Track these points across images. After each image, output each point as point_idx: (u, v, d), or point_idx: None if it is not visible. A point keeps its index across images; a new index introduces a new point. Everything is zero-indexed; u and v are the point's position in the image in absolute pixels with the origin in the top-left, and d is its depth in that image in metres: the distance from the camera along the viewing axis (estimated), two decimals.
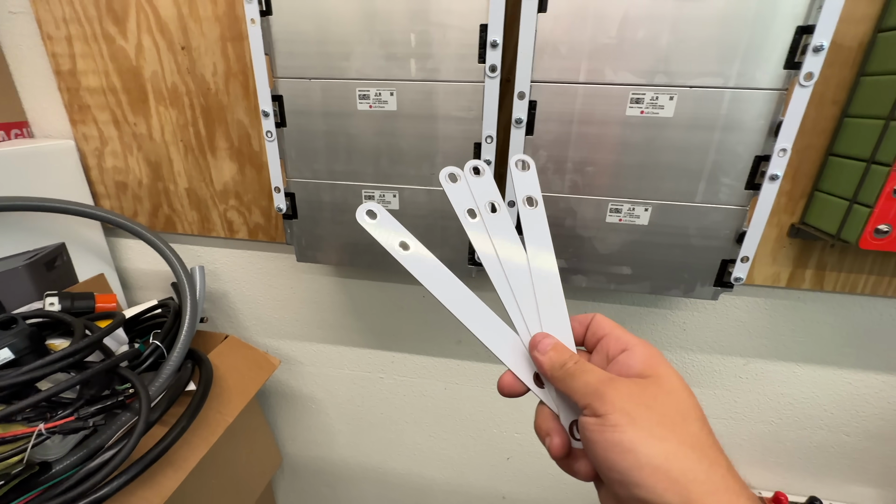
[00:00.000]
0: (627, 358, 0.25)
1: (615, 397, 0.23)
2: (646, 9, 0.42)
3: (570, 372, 0.26)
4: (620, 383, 0.24)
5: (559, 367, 0.26)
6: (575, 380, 0.25)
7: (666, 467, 0.21)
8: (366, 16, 0.46)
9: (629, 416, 0.22)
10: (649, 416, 0.22)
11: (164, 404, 0.56)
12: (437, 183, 0.53)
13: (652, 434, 0.22)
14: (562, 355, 0.27)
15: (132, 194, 0.72)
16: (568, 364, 0.26)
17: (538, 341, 0.28)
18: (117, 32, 0.61)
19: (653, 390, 0.23)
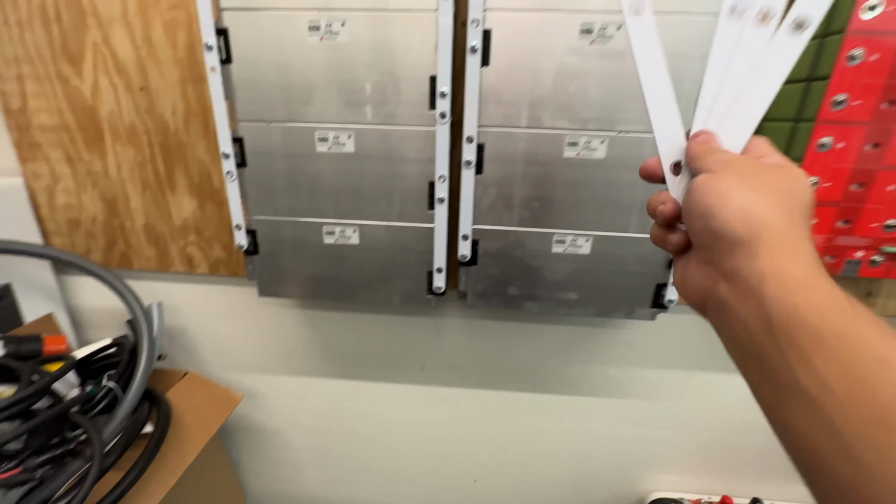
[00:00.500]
0: (769, 158, 0.26)
1: (737, 164, 0.24)
2: (575, 66, 0.47)
3: (708, 150, 0.26)
4: (744, 159, 0.25)
5: (705, 145, 0.27)
6: (710, 154, 0.26)
7: (749, 210, 0.22)
8: (323, 66, 0.49)
9: (741, 175, 0.23)
10: (759, 181, 0.23)
11: (119, 448, 0.55)
12: (394, 219, 0.55)
13: (751, 189, 0.23)
14: (710, 142, 0.27)
15: (85, 231, 0.70)
16: (711, 145, 0.27)
17: (699, 134, 0.28)
18: (72, 73, 0.61)
19: (774, 172, 0.24)
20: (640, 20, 0.29)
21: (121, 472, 0.54)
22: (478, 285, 0.58)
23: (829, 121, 0.47)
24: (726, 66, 0.28)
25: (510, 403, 0.79)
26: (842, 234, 0.51)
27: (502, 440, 0.83)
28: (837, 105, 0.46)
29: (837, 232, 0.51)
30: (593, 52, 0.47)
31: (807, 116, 0.48)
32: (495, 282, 0.58)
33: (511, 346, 0.74)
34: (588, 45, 0.47)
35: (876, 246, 0.51)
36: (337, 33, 0.48)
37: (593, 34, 0.46)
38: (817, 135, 0.48)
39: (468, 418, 0.81)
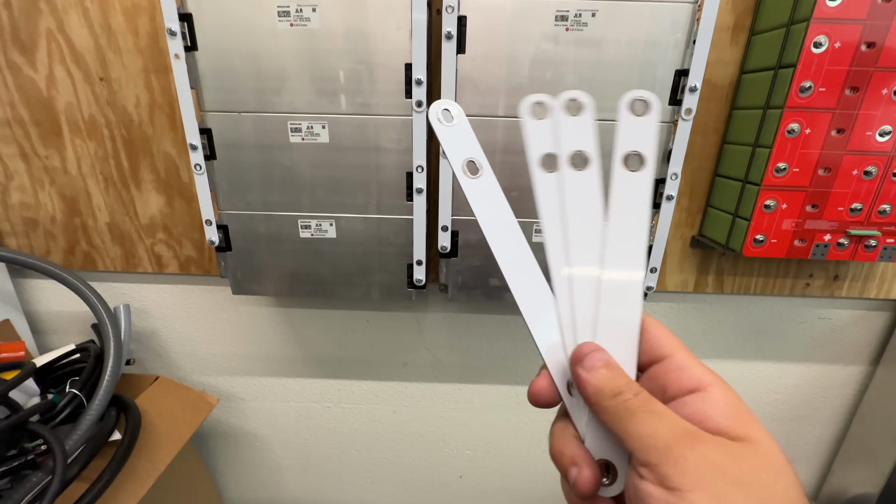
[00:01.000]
0: (702, 404, 0.18)
1: (698, 467, 0.16)
2: (550, 53, 0.47)
3: (629, 408, 0.18)
4: (707, 445, 0.17)
5: (611, 395, 0.19)
6: (637, 422, 0.18)
7: None
8: (295, 53, 0.48)
9: (717, 500, 0.16)
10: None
11: (84, 458, 0.52)
12: (372, 211, 0.54)
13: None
14: (617, 380, 0.19)
15: (44, 231, 0.66)
16: (626, 395, 0.19)
17: (584, 353, 0.20)
18: (25, 62, 0.58)
19: (752, 465, 0.17)
20: (477, 180, 0.23)
21: (87, 483, 0.51)
22: (458, 277, 0.57)
23: (796, 107, 0.48)
24: (564, 235, 0.23)
25: (493, 397, 0.79)
26: (811, 219, 0.53)
27: (486, 435, 0.82)
28: (804, 92, 0.47)
29: (807, 216, 0.53)
30: (569, 39, 0.47)
31: (776, 104, 0.50)
32: (476, 273, 0.57)
33: (493, 340, 0.74)
34: (563, 32, 0.46)
35: (843, 229, 0.53)
36: (308, 19, 0.46)
37: (568, 21, 0.46)
38: (786, 121, 0.49)
39: (451, 414, 0.80)
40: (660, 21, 0.46)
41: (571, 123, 0.22)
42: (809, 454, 0.83)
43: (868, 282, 0.67)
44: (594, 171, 0.22)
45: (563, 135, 0.22)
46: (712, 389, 0.19)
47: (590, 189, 0.22)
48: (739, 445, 0.17)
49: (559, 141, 0.22)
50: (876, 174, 0.50)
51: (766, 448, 0.17)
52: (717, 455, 0.17)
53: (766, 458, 0.17)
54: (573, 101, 0.22)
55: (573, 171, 0.22)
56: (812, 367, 0.76)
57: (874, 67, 0.46)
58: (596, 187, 0.22)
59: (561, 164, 0.22)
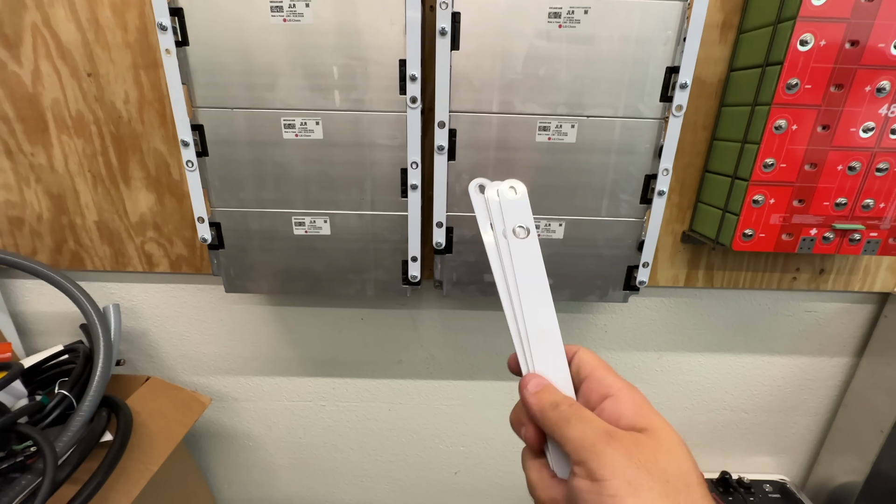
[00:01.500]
0: (614, 406, 0.24)
1: (615, 459, 0.21)
2: (544, 49, 0.47)
3: (564, 416, 0.24)
4: (620, 440, 0.22)
5: (551, 407, 0.24)
6: (570, 427, 0.23)
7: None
8: (288, 49, 0.48)
9: (630, 484, 0.20)
10: (651, 486, 0.20)
11: (75, 460, 0.51)
12: (367, 207, 0.54)
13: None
14: (554, 396, 0.25)
15: (30, 230, 0.65)
16: (562, 406, 0.24)
17: (528, 381, 0.26)
18: (9, 57, 0.56)
19: (652, 449, 0.21)
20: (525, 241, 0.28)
21: (77, 485, 0.51)
22: (453, 273, 0.58)
23: (783, 104, 0.49)
24: (512, 290, 0.28)
25: (488, 394, 0.79)
26: (797, 213, 0.54)
27: (482, 431, 0.83)
28: (791, 89, 0.49)
29: (793, 211, 0.54)
30: (562, 35, 0.47)
31: (763, 100, 0.51)
32: (471, 269, 0.57)
33: (488, 336, 0.75)
34: (556, 28, 0.47)
35: (828, 223, 0.54)
36: (301, 14, 0.46)
37: (561, 18, 0.46)
38: (773, 118, 0.50)
39: (447, 410, 0.80)
40: (651, 18, 0.46)
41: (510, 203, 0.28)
42: (797, 444, 0.85)
43: (852, 275, 0.68)
44: (534, 240, 0.28)
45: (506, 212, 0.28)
46: (620, 394, 0.24)
47: (533, 253, 0.27)
48: (643, 436, 0.22)
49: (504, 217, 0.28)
50: (860, 169, 0.52)
51: (662, 434, 0.22)
52: (628, 448, 0.21)
53: (662, 442, 0.22)
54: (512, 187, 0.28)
55: (517, 240, 0.27)
56: (799, 360, 0.77)
57: (858, 65, 0.47)
58: (537, 252, 0.27)
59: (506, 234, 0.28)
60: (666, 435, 0.22)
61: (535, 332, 0.27)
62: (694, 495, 0.21)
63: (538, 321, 0.27)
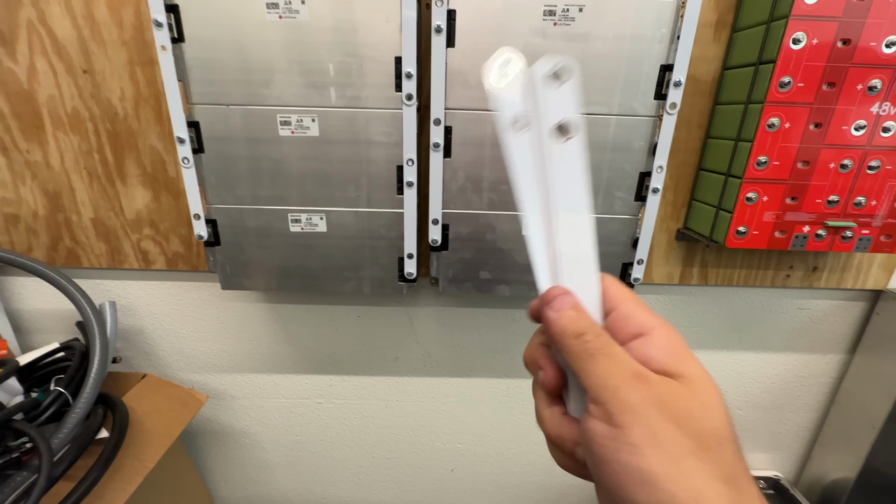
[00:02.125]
0: (645, 346, 0.20)
1: (640, 404, 0.18)
2: (539, 48, 0.48)
3: (589, 350, 0.20)
4: (651, 385, 0.19)
5: (574, 335, 0.21)
6: (595, 363, 0.20)
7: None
8: (284, 46, 0.48)
9: (654, 436, 0.18)
10: (678, 441, 0.17)
11: (71, 456, 0.51)
12: (363, 204, 0.54)
13: (680, 466, 0.17)
14: (581, 322, 0.21)
15: (25, 227, 0.65)
16: (587, 336, 0.20)
17: (553, 296, 0.22)
18: (4, 53, 0.56)
19: (686, 400, 0.18)
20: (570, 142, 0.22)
21: (73, 482, 0.51)
22: (449, 270, 0.58)
23: (776, 102, 0.50)
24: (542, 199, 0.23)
25: (484, 390, 0.79)
26: (790, 211, 0.54)
27: (478, 427, 0.83)
28: (783, 87, 0.49)
29: (786, 208, 0.54)
30: (557, 33, 0.47)
31: (756, 99, 0.51)
32: (467, 266, 0.58)
33: (484, 333, 0.75)
34: (551, 26, 0.47)
35: (821, 221, 0.55)
36: (297, 11, 0.46)
37: (556, 16, 0.47)
38: (766, 116, 0.50)
39: (443, 407, 0.81)
40: (645, 16, 0.47)
41: (552, 94, 0.21)
42: (790, 441, 0.86)
43: (845, 273, 0.69)
44: (577, 144, 0.22)
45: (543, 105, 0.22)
46: (655, 333, 0.20)
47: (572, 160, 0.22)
48: (678, 384, 0.19)
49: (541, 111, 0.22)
50: (852, 167, 0.52)
51: (699, 384, 0.19)
52: (658, 395, 0.18)
53: (699, 393, 0.19)
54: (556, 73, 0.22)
55: (555, 142, 0.22)
56: (792, 357, 0.78)
57: (849, 63, 0.48)
58: (579, 159, 0.22)
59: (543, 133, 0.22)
60: (704, 385, 0.19)
61: (567, 253, 0.22)
62: (726, 455, 0.18)
63: (572, 240, 0.22)
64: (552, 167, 0.22)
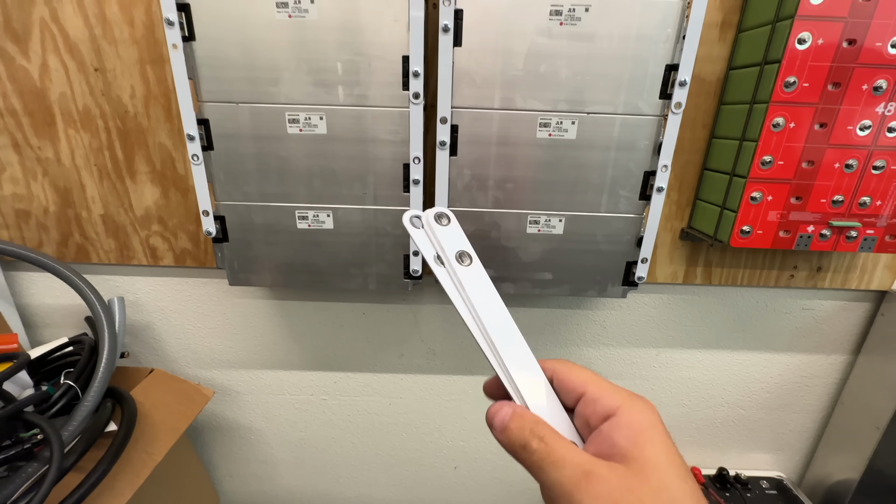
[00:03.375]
0: (611, 430, 0.21)
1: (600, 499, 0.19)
2: (545, 47, 0.48)
3: (536, 462, 0.22)
4: (598, 483, 0.20)
5: (521, 448, 0.22)
6: (545, 474, 0.21)
7: None
8: (292, 44, 0.48)
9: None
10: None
11: (80, 449, 0.52)
12: (369, 202, 0.55)
13: None
14: (521, 432, 0.23)
15: (36, 223, 0.66)
16: (532, 445, 0.22)
17: (492, 416, 0.24)
18: (17, 52, 0.57)
19: (638, 490, 0.19)
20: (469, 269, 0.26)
21: (83, 474, 0.51)
22: None
23: (781, 102, 0.50)
24: (475, 316, 0.26)
25: None
26: (794, 210, 0.54)
27: (481, 426, 0.83)
28: (789, 87, 0.49)
29: (791, 208, 0.54)
30: (563, 33, 0.48)
31: (761, 98, 0.51)
32: None
33: None
34: (557, 26, 0.48)
35: (825, 221, 0.55)
36: (306, 10, 0.47)
37: (562, 15, 0.47)
38: (771, 115, 0.50)
39: (447, 405, 0.81)
40: (651, 16, 0.47)
41: (444, 232, 0.26)
42: (794, 441, 0.86)
43: (849, 273, 0.69)
44: (477, 265, 0.26)
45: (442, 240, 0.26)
46: (619, 413, 0.22)
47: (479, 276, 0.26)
48: (630, 474, 0.20)
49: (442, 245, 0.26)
50: (857, 167, 0.52)
51: (650, 469, 0.20)
52: (608, 492, 0.19)
53: (649, 480, 0.20)
54: (437, 216, 0.27)
55: (461, 267, 0.26)
56: (796, 357, 0.78)
57: (855, 64, 0.48)
58: (484, 275, 0.26)
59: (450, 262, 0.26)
60: (654, 470, 0.20)
61: (508, 357, 0.25)
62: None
63: (507, 346, 0.25)
64: (468, 289, 0.26)
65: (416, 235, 0.26)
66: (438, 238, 0.26)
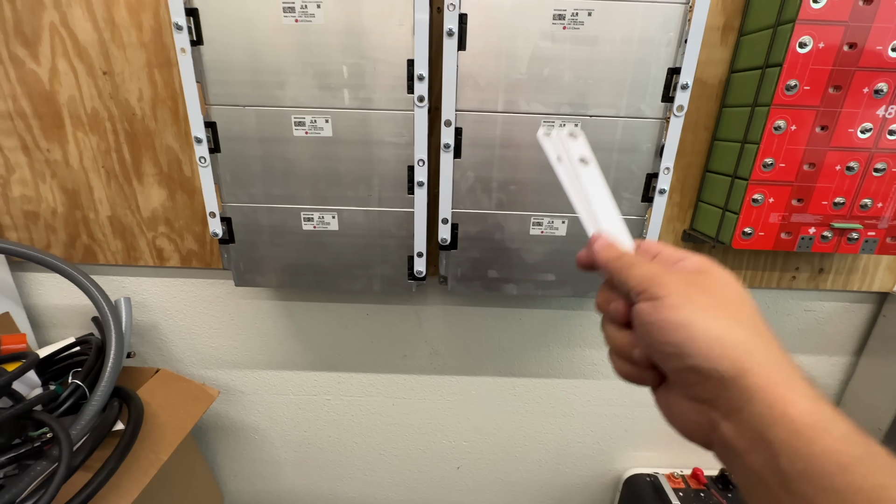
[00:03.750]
0: (683, 264, 0.26)
1: (672, 282, 0.24)
2: (548, 51, 0.49)
3: (626, 263, 0.26)
4: (680, 273, 0.25)
5: (616, 258, 0.27)
6: (632, 270, 0.25)
7: (721, 338, 0.22)
8: (298, 49, 0.49)
9: (686, 297, 0.23)
10: (705, 299, 0.23)
11: (88, 447, 0.53)
12: (374, 204, 0.56)
13: (708, 312, 0.22)
14: (617, 249, 0.28)
15: (45, 224, 0.67)
16: (626, 256, 0.27)
17: (594, 240, 0.29)
18: (27, 55, 0.58)
19: (710, 280, 0.24)
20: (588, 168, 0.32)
21: (90, 472, 0.52)
22: (458, 269, 0.59)
23: (782, 105, 0.50)
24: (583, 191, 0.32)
25: (491, 389, 0.80)
26: (796, 212, 0.55)
27: (484, 426, 0.84)
28: (790, 90, 0.50)
29: (792, 210, 0.55)
30: (565, 37, 0.48)
31: (763, 101, 0.52)
32: (475, 265, 0.59)
33: (491, 332, 0.76)
34: (560, 30, 0.48)
35: (826, 223, 0.55)
36: (312, 15, 0.48)
37: (566, 20, 0.48)
38: (773, 118, 0.51)
39: (450, 405, 0.82)
40: (653, 20, 0.48)
41: (573, 144, 0.33)
42: None
43: (851, 275, 0.69)
44: (594, 167, 0.33)
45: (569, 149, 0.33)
46: (690, 257, 0.27)
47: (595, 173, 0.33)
48: (702, 273, 0.25)
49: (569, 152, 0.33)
50: (858, 170, 0.53)
51: (721, 274, 0.25)
52: (686, 277, 0.24)
53: (719, 278, 0.25)
54: (571, 133, 0.34)
55: (582, 167, 0.33)
56: (798, 358, 0.78)
57: (855, 67, 0.48)
58: (598, 174, 0.33)
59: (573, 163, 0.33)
60: (723, 274, 0.25)
61: (602, 217, 0.31)
62: (746, 310, 0.23)
63: (606, 212, 0.31)
64: (584, 181, 0.33)
65: (545, 143, 0.34)
66: (567, 147, 0.33)
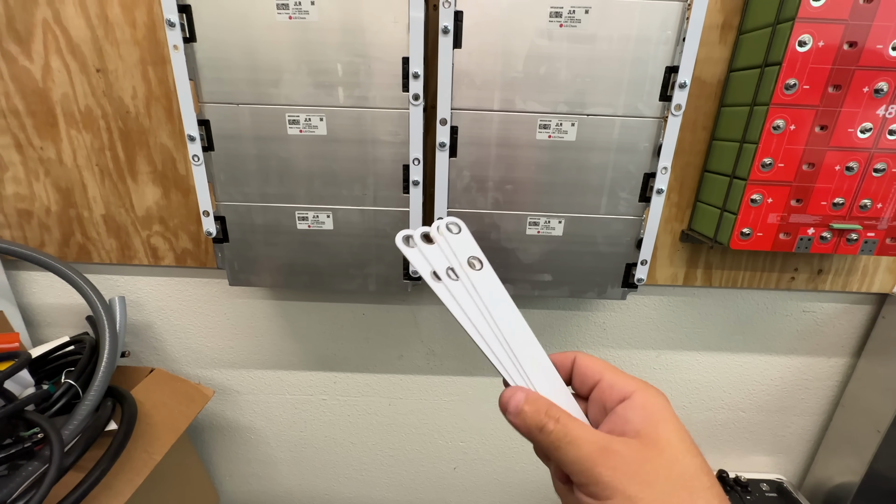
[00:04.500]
0: (626, 410, 0.23)
1: (612, 478, 0.21)
2: (545, 49, 0.48)
3: (553, 443, 0.23)
4: (615, 456, 0.21)
5: (538, 431, 0.23)
6: (563, 452, 0.22)
7: None
8: (293, 46, 0.48)
9: (630, 500, 0.20)
10: (653, 498, 0.20)
11: (80, 447, 0.52)
12: (369, 203, 0.55)
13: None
14: (537, 415, 0.24)
15: (38, 223, 0.66)
16: (548, 427, 0.23)
17: (507, 400, 0.25)
18: (20, 52, 0.58)
19: (653, 461, 0.21)
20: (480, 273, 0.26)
21: (83, 473, 0.52)
22: None
23: (781, 104, 0.50)
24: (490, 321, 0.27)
25: (487, 389, 0.80)
26: (795, 213, 0.54)
27: (480, 426, 0.83)
28: (789, 89, 0.49)
29: (791, 210, 0.54)
30: (562, 35, 0.48)
31: (762, 100, 0.51)
32: None
33: None
34: (557, 28, 0.48)
35: (826, 223, 0.55)
36: (307, 12, 0.47)
37: (562, 17, 0.47)
38: (772, 117, 0.50)
39: (446, 405, 0.81)
40: (651, 18, 0.47)
41: (456, 240, 0.27)
42: (794, 444, 0.85)
43: (850, 276, 0.69)
44: (488, 269, 0.27)
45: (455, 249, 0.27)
46: (634, 396, 0.23)
47: (492, 281, 0.27)
48: (644, 448, 0.21)
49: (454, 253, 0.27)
50: (857, 170, 0.52)
51: (665, 444, 0.21)
52: (627, 463, 0.21)
53: (664, 452, 0.21)
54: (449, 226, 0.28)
55: (473, 272, 0.27)
56: (796, 360, 0.78)
57: (855, 66, 0.48)
58: (495, 279, 0.27)
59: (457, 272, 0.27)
60: (668, 444, 0.21)
61: (519, 352, 0.26)
62: (698, 498, 0.21)
63: (518, 341, 0.26)
64: (479, 291, 0.26)
65: (409, 254, 0.27)
66: (452, 246, 0.27)
